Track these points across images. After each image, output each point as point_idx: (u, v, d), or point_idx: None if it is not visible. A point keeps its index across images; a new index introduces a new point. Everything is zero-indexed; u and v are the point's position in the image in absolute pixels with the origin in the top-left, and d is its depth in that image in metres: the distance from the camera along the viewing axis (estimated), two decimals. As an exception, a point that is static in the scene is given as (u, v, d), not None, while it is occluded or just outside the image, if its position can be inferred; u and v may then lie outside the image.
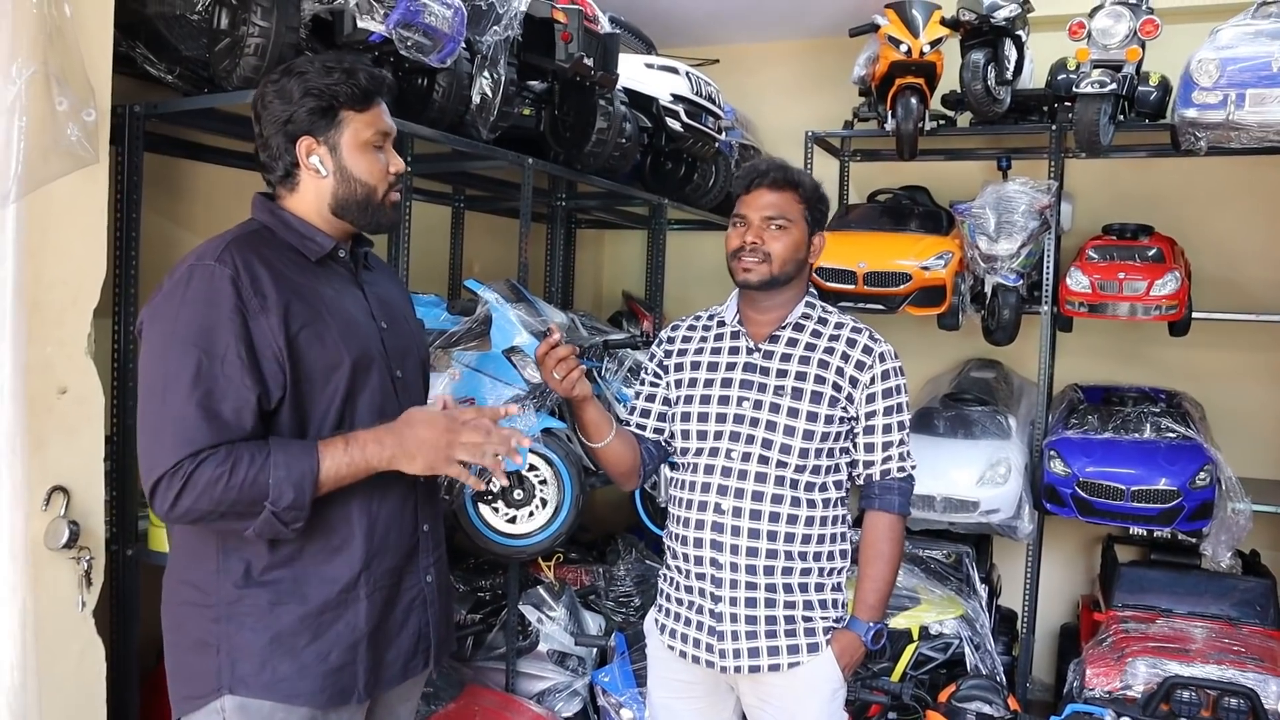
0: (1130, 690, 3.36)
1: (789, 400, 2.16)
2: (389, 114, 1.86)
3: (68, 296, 2.23)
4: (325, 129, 1.76)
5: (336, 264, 1.85)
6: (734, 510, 2.15)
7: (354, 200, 1.80)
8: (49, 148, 1.72)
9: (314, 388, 1.72)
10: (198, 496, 1.57)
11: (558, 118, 3.55)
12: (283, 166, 1.79)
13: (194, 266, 1.67)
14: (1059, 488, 3.90)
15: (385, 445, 1.71)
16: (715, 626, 2.17)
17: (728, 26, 5.05)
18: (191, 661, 1.73)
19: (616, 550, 4.27)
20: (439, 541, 1.99)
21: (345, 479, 1.69)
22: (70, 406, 2.25)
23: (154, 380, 1.62)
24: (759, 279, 2.18)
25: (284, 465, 1.62)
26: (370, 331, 1.83)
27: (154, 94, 2.76)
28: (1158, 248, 4.11)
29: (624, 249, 5.82)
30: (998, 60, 4.02)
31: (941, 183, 4.77)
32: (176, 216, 3.12)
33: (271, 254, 1.73)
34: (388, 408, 1.81)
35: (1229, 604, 3.82)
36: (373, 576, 1.78)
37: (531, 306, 3.17)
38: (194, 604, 1.73)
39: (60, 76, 1.75)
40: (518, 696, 3.40)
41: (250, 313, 1.64)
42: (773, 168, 2.23)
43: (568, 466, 3.10)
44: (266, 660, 1.69)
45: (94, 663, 2.33)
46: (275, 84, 1.76)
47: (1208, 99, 3.55)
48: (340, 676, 1.74)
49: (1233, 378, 4.49)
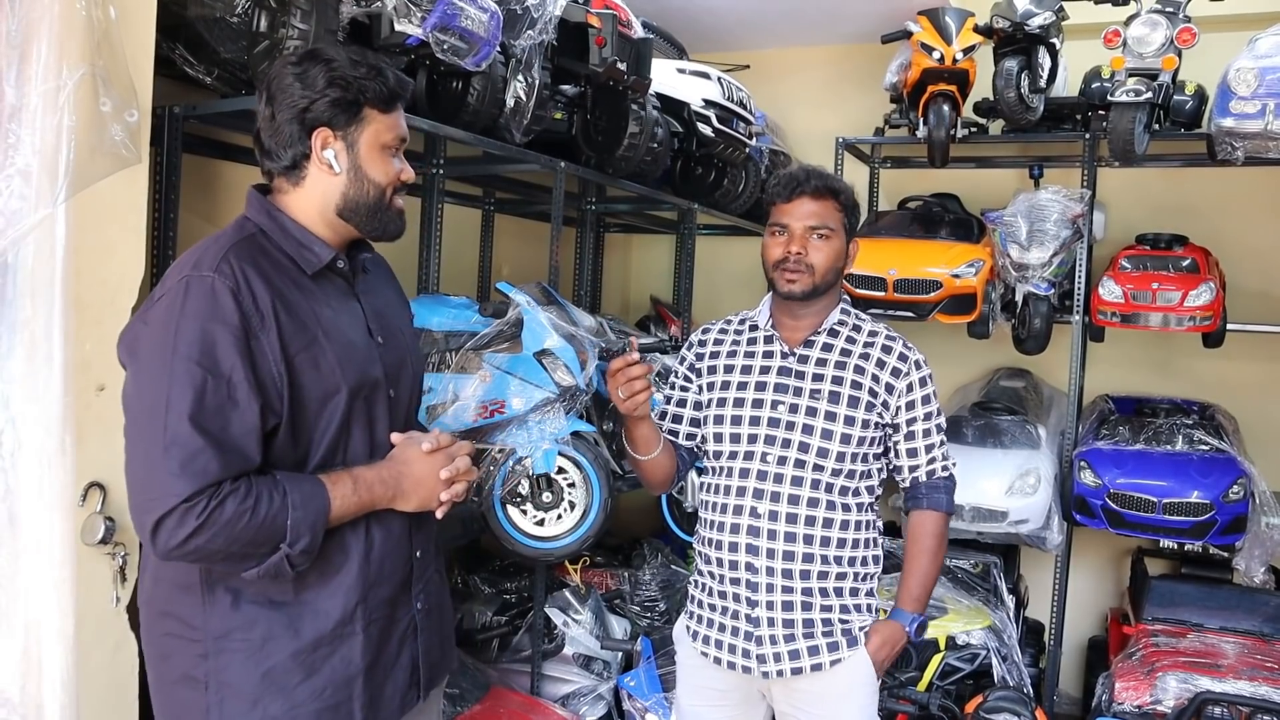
0: (1160, 705, 3.33)
1: (825, 404, 2.16)
2: (404, 121, 1.77)
3: (106, 295, 2.25)
4: (346, 124, 1.64)
5: (334, 274, 1.72)
6: (770, 514, 2.14)
7: (364, 203, 1.69)
8: (94, 148, 1.74)
9: (309, 416, 1.60)
10: (213, 534, 1.45)
11: (590, 122, 3.56)
12: (290, 156, 1.65)
13: (190, 278, 1.52)
14: (1089, 499, 3.87)
15: (387, 485, 1.66)
16: (753, 631, 2.16)
17: (759, 32, 5.04)
18: (180, 696, 1.62)
19: (642, 555, 4.27)
20: (429, 564, 1.86)
21: (348, 517, 1.62)
22: (108, 404, 2.27)
23: (152, 402, 1.47)
24: (803, 290, 2.17)
25: (300, 505, 1.53)
26: (369, 352, 1.72)
27: (192, 96, 2.78)
28: (1192, 258, 4.07)
29: (651, 253, 5.82)
30: (1031, 68, 4.00)
31: (972, 190, 4.75)
32: (212, 217, 3.15)
33: (268, 265, 1.60)
34: (379, 433, 1.73)
35: (1262, 620, 3.77)
36: (369, 608, 1.67)
37: (563, 310, 3.17)
38: (179, 637, 1.61)
39: (105, 78, 1.77)
40: (543, 699, 3.41)
41: (252, 330, 1.52)
42: (813, 175, 2.21)
43: (596, 470, 3.11)
44: (258, 700, 1.58)
45: (127, 658, 2.35)
46: (297, 66, 1.63)
47: (1245, 108, 3.52)
48: (336, 715, 1.64)
49: (1267, 391, 4.44)
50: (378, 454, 1.71)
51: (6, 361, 1.78)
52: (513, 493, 3.05)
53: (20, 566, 1.83)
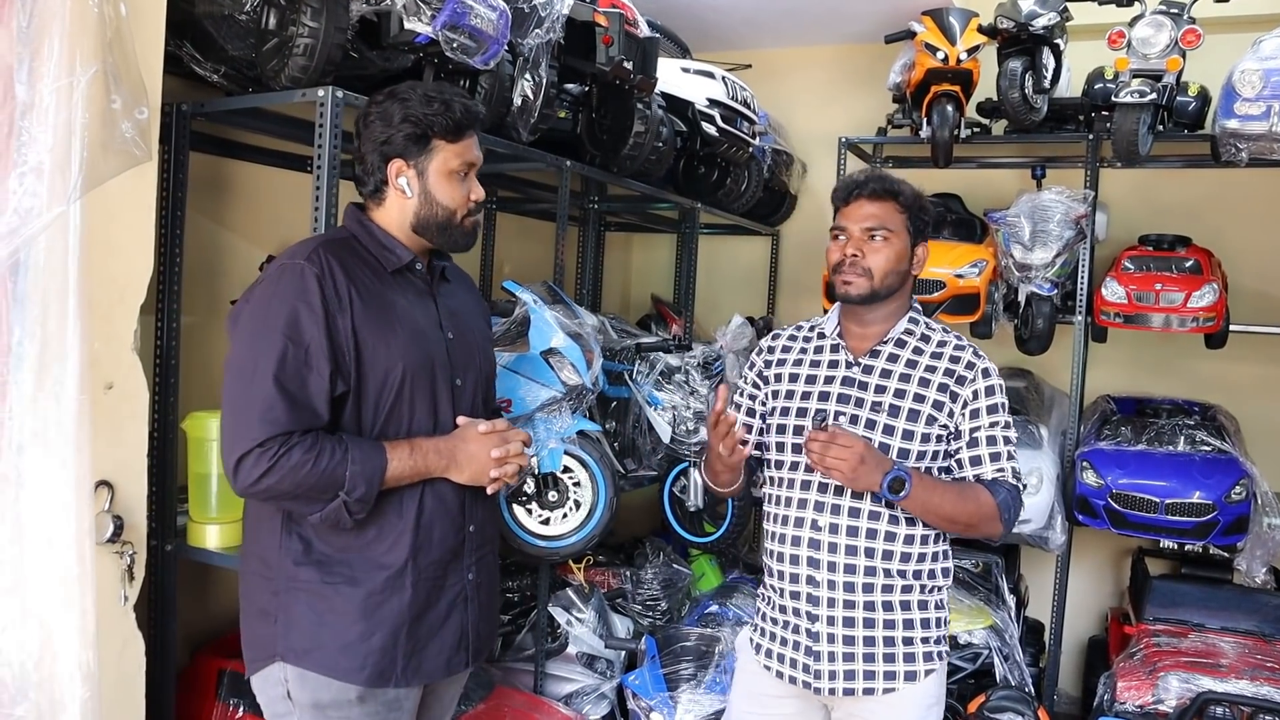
0: (1162, 705, 3.33)
1: (886, 417, 2.11)
2: (478, 145, 2.01)
3: (115, 293, 2.25)
4: (417, 154, 1.92)
5: (413, 276, 2.00)
6: (831, 527, 2.11)
7: (434, 221, 1.96)
8: (106, 145, 1.74)
9: (373, 386, 1.87)
10: (282, 476, 1.72)
11: (595, 121, 3.56)
12: (374, 183, 1.95)
13: (285, 265, 1.83)
14: (1091, 499, 3.87)
15: (442, 455, 1.92)
16: (813, 646, 2.13)
17: (762, 31, 5.04)
18: (256, 627, 1.92)
19: (644, 553, 4.27)
20: (484, 541, 2.08)
21: (405, 480, 1.88)
22: (116, 402, 2.27)
23: (244, 363, 1.77)
24: (859, 293, 2.15)
25: (360, 460, 1.79)
26: (436, 341, 1.98)
27: (199, 94, 2.78)
28: (1195, 259, 4.07)
29: (651, 253, 5.82)
30: (1035, 69, 4.00)
31: (974, 191, 4.75)
32: (218, 215, 3.14)
33: (354, 260, 1.90)
34: (443, 413, 1.97)
35: (1263, 620, 3.78)
36: (418, 567, 1.91)
37: (568, 309, 3.17)
38: (260, 575, 1.91)
39: (116, 75, 1.76)
40: (546, 698, 3.41)
41: (330, 310, 1.80)
42: (871, 178, 2.19)
43: (602, 469, 3.11)
44: (315, 634, 1.85)
45: (134, 657, 2.35)
46: (379, 105, 1.92)
47: (1250, 110, 3.51)
48: (381, 659, 1.86)
49: (1268, 391, 4.44)
50: (440, 432, 1.96)
51: (20, 359, 1.78)
52: (518, 492, 3.05)
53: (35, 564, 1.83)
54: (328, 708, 1.86)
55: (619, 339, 3.82)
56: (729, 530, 4.06)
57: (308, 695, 1.86)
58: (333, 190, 2.39)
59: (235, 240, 3.19)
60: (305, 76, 2.40)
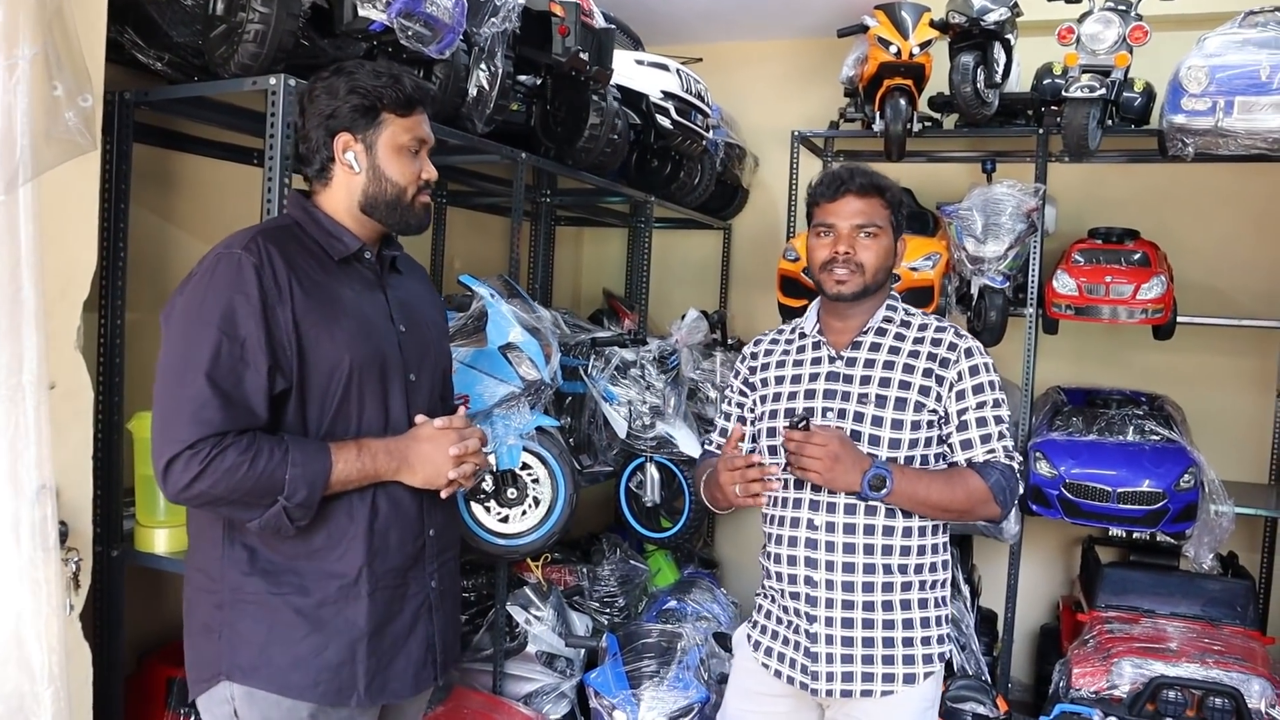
0: (1116, 690, 3.39)
1: (874, 408, 2.09)
2: (428, 124, 1.92)
3: (57, 289, 2.15)
4: (365, 127, 1.83)
5: (361, 265, 1.90)
6: (827, 525, 2.08)
7: (383, 200, 1.86)
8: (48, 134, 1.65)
9: (317, 383, 1.76)
10: (215, 480, 1.61)
11: (549, 113, 3.51)
12: (319, 160, 1.85)
13: (221, 255, 1.72)
14: (1045, 489, 3.92)
15: (393, 456, 1.79)
16: (810, 647, 2.10)
17: (714, 25, 5.02)
18: (200, 644, 1.80)
19: (601, 550, 4.23)
20: (447, 546, 1.98)
21: (353, 483, 1.76)
22: (59, 402, 2.16)
23: (175, 360, 1.68)
24: (853, 291, 2.12)
25: (300, 463, 1.67)
26: (387, 334, 1.87)
27: (141, 82, 2.67)
28: (1143, 252, 4.14)
29: (602, 247, 5.78)
30: (987, 63, 4.03)
31: (925, 185, 4.79)
32: (163, 210, 3.04)
33: (296, 249, 1.80)
34: (395, 411, 1.86)
35: (1210, 605, 3.87)
36: (375, 575, 1.80)
37: (525, 303, 3.12)
38: (203, 588, 1.79)
39: (58, 60, 1.68)
40: (505, 698, 3.36)
41: (270, 301, 1.70)
42: (857, 173, 2.16)
43: (561, 465, 3.06)
44: (263, 649, 1.73)
45: (80, 667, 2.25)
46: (324, 80, 1.83)
47: (1196, 105, 3.58)
48: (338, 675, 1.75)
49: (1212, 382, 4.54)
50: (392, 432, 1.84)
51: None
52: (476, 489, 2.99)
53: None
54: None
55: (573, 334, 3.78)
56: (686, 526, 4.04)
57: (256, 716, 1.73)
58: (285, 183, 2.30)
59: (181, 235, 3.08)
60: (256, 64, 2.31)
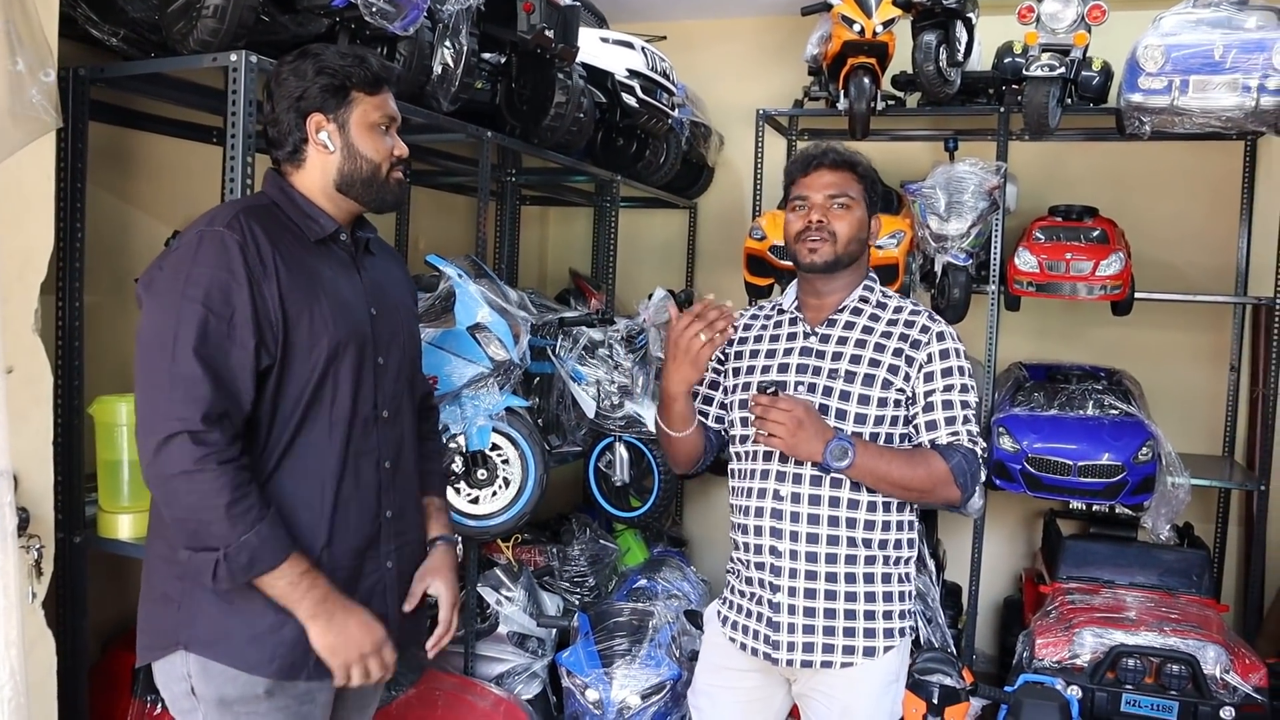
0: (1078, 660, 3.46)
1: (843, 383, 2.11)
2: (394, 103, 1.93)
3: (13, 271, 2.11)
4: (336, 107, 1.84)
5: (337, 246, 1.91)
6: (792, 496, 2.10)
7: (358, 177, 1.87)
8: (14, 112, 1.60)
9: (299, 362, 1.77)
10: (198, 485, 1.60)
11: (515, 91, 3.48)
12: (291, 142, 1.85)
13: (204, 232, 1.72)
14: (1008, 463, 3.98)
15: (326, 605, 1.74)
16: (773, 618, 2.13)
17: (679, 3, 5.00)
18: (156, 611, 1.80)
19: (570, 530, 4.23)
20: (405, 529, 1.98)
21: (280, 595, 1.71)
22: (17, 387, 2.13)
23: (161, 334, 1.65)
24: (824, 259, 2.15)
25: (264, 537, 1.65)
26: (361, 315, 1.88)
27: (96, 59, 2.61)
28: (1102, 229, 4.20)
29: (567, 226, 5.75)
30: (949, 42, 4.05)
31: (888, 163, 4.77)
32: (121, 190, 2.98)
33: (276, 228, 1.80)
34: (363, 396, 1.87)
35: (1167, 574, 3.95)
36: (333, 555, 1.81)
37: (493, 283, 3.10)
38: (164, 559, 1.78)
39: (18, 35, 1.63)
40: (477, 679, 3.36)
41: (256, 277, 1.71)
42: (829, 149, 2.21)
43: (531, 445, 3.06)
44: (223, 624, 1.73)
45: (44, 656, 2.22)
46: (291, 63, 1.84)
47: (1153, 84, 3.64)
48: (291, 651, 1.75)
49: (1169, 357, 4.63)
50: (359, 417, 1.85)
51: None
52: (446, 470, 2.98)
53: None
54: (234, 703, 1.75)
55: (540, 314, 3.76)
56: (655, 504, 4.05)
57: (213, 690, 1.75)
58: (248, 161, 2.27)
59: (139, 216, 3.03)
60: (215, 40, 2.26)
